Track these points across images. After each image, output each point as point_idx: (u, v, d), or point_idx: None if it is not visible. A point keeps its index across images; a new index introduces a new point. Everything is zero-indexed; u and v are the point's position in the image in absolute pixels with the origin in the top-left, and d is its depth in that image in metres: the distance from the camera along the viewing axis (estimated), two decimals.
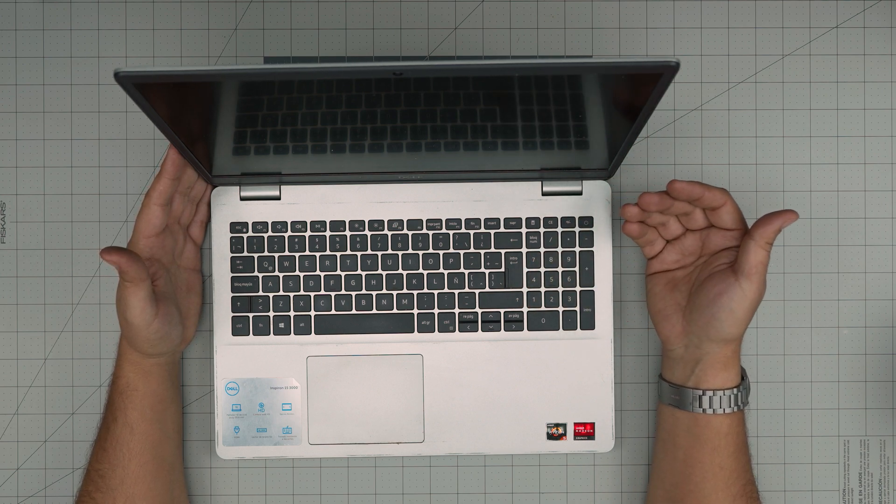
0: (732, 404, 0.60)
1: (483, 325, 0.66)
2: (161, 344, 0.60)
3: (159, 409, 0.62)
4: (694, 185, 0.58)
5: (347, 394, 0.66)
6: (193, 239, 0.66)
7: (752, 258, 0.58)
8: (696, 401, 0.61)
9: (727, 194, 0.59)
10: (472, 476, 0.68)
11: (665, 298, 0.63)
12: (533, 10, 0.68)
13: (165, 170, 0.60)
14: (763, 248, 0.57)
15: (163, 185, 0.60)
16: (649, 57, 0.48)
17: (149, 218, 0.60)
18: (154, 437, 0.62)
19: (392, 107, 0.54)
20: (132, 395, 0.61)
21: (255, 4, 0.68)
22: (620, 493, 0.68)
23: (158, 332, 0.59)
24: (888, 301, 0.68)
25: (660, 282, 0.64)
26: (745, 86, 0.68)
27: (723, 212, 0.60)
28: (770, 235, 0.57)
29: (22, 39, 0.68)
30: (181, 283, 0.65)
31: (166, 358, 0.63)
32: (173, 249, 0.63)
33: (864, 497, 0.68)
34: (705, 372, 0.61)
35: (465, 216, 0.66)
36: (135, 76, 0.48)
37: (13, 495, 0.68)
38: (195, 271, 0.66)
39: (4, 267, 0.68)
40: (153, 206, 0.60)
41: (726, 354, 0.61)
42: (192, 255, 0.66)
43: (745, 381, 0.62)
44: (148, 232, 0.61)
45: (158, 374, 0.62)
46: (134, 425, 0.61)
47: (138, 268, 0.56)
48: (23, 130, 0.68)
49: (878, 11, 0.68)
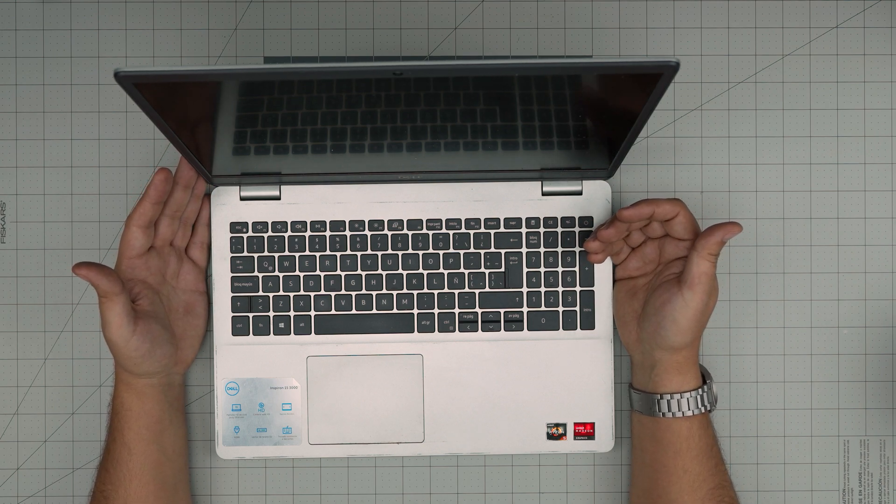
0: (691, 407, 0.61)
1: (483, 325, 0.66)
2: (144, 363, 0.60)
3: (156, 430, 0.62)
4: (641, 207, 0.59)
5: (347, 394, 0.66)
6: (194, 261, 0.65)
7: (695, 269, 0.58)
8: (655, 405, 0.61)
9: (679, 204, 0.60)
10: (472, 476, 0.68)
11: (624, 305, 0.64)
12: (533, 10, 0.68)
13: (148, 194, 0.59)
14: (705, 258, 0.58)
15: (143, 209, 0.60)
16: (649, 57, 0.48)
17: (128, 239, 0.60)
18: (153, 458, 0.61)
19: (392, 107, 0.54)
20: (126, 415, 0.61)
21: (255, 4, 0.68)
22: (620, 493, 0.68)
23: (139, 350, 0.59)
24: (888, 301, 0.68)
25: (622, 289, 0.65)
26: (745, 86, 0.68)
27: (675, 222, 0.60)
28: (712, 247, 0.57)
29: (22, 39, 0.68)
30: (177, 305, 0.64)
31: (159, 379, 0.62)
32: (162, 270, 0.63)
33: (864, 497, 0.68)
34: (660, 377, 0.61)
35: (465, 216, 0.66)
36: (135, 76, 0.48)
37: (13, 495, 0.68)
38: (197, 293, 0.65)
39: (4, 267, 0.68)
40: (133, 228, 0.60)
41: (678, 360, 0.61)
42: (191, 276, 0.65)
43: (706, 384, 0.62)
44: (129, 253, 0.60)
45: (152, 395, 0.62)
46: (131, 446, 0.61)
47: (110, 282, 0.56)
48: (23, 130, 0.68)
49: (878, 11, 0.68)
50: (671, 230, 0.61)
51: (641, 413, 0.63)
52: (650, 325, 0.61)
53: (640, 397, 0.63)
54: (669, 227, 0.61)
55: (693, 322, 0.59)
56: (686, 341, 0.60)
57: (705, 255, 0.58)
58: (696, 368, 0.62)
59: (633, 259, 0.64)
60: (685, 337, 0.60)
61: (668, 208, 0.59)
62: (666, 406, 0.61)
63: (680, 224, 0.60)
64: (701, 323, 0.60)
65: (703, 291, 0.58)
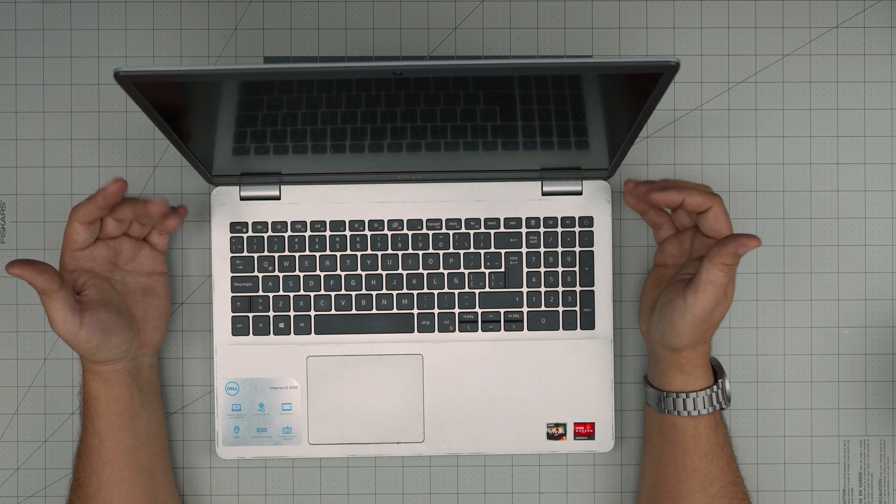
0: (698, 407, 0.59)
1: (483, 325, 0.66)
2: (101, 352, 0.59)
3: (127, 416, 0.61)
4: (671, 193, 0.57)
5: (347, 394, 0.66)
6: (151, 244, 0.64)
7: (703, 276, 0.56)
8: (662, 402, 0.61)
9: (713, 199, 0.57)
10: (472, 476, 0.68)
11: (647, 293, 0.63)
12: (533, 10, 0.68)
13: (95, 198, 0.57)
14: (717, 267, 0.55)
15: (88, 209, 0.58)
16: (649, 57, 0.48)
17: (70, 234, 0.59)
18: (125, 444, 0.61)
19: (392, 107, 0.54)
20: (95, 402, 0.60)
21: (255, 4, 0.68)
22: (620, 493, 0.68)
23: (90, 341, 0.58)
24: (888, 301, 0.68)
25: (653, 275, 0.64)
26: (745, 86, 0.68)
27: (706, 217, 0.58)
28: (725, 258, 0.55)
29: (22, 39, 0.68)
30: (134, 288, 0.63)
31: (125, 364, 0.61)
32: (111, 259, 0.61)
33: (864, 497, 0.68)
34: (665, 374, 0.61)
35: (465, 216, 0.66)
36: (135, 76, 0.48)
37: (13, 495, 0.68)
38: (155, 275, 0.64)
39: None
40: (74, 223, 0.58)
41: (679, 361, 0.60)
42: (148, 260, 0.63)
43: (718, 382, 0.60)
44: (71, 247, 0.59)
45: (118, 380, 0.61)
46: (102, 433, 0.60)
47: (46, 279, 0.55)
48: (23, 130, 0.68)
49: (878, 11, 0.68)
50: (701, 225, 0.58)
51: (650, 407, 0.62)
52: (654, 319, 0.60)
53: (650, 392, 0.62)
54: (700, 220, 0.58)
55: (690, 328, 0.57)
56: (683, 344, 0.58)
57: (717, 263, 0.55)
58: (704, 370, 0.60)
59: (672, 244, 0.62)
60: (681, 340, 0.58)
61: (699, 200, 0.57)
62: (671, 404, 0.60)
63: (710, 220, 0.58)
64: (700, 330, 0.58)
65: (707, 300, 0.56)
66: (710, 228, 0.58)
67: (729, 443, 0.62)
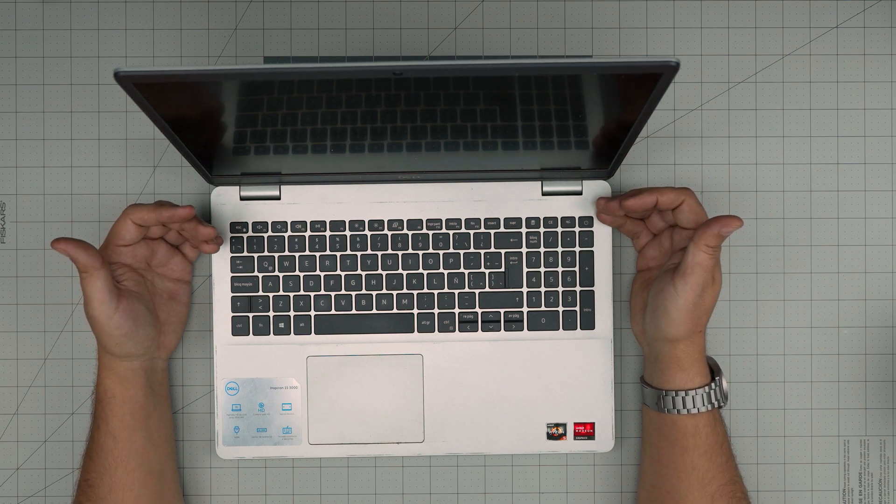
0: (697, 405, 0.60)
1: (483, 325, 0.66)
2: (128, 343, 0.59)
3: (141, 417, 0.61)
4: (644, 196, 0.59)
5: (347, 394, 0.66)
6: (185, 254, 0.65)
7: (689, 259, 0.57)
8: (661, 401, 0.61)
9: (685, 192, 0.59)
10: (472, 476, 0.68)
11: (636, 297, 0.65)
12: (533, 10, 0.68)
13: (160, 211, 0.58)
14: (702, 249, 0.57)
15: (147, 214, 0.59)
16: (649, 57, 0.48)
17: (119, 229, 0.60)
18: (138, 445, 0.61)
19: (392, 107, 0.54)
20: (110, 402, 0.61)
21: (255, 4, 0.68)
22: (620, 493, 0.68)
23: (121, 328, 0.58)
24: (888, 301, 0.68)
25: (639, 279, 0.65)
26: (745, 86, 0.68)
27: (681, 210, 0.60)
28: (709, 239, 0.56)
29: (22, 39, 0.68)
30: (162, 290, 0.64)
31: (141, 363, 0.62)
32: (148, 259, 0.63)
33: (864, 497, 0.68)
34: (663, 372, 0.61)
35: (464, 216, 0.66)
36: (135, 76, 0.48)
37: (13, 495, 0.68)
38: (181, 282, 0.65)
39: (4, 267, 0.68)
40: (128, 222, 0.59)
41: (677, 355, 0.60)
42: (178, 267, 0.64)
43: (714, 381, 0.61)
44: (117, 241, 0.60)
45: (135, 380, 0.61)
46: (116, 433, 0.61)
47: (89, 256, 0.55)
48: (23, 130, 0.68)
49: (878, 11, 0.68)
50: (678, 218, 0.61)
51: (648, 407, 0.63)
52: (648, 314, 0.61)
53: (648, 392, 0.63)
54: (677, 215, 0.61)
55: (684, 314, 0.58)
56: (679, 333, 0.59)
57: (702, 245, 0.57)
58: (701, 366, 0.61)
59: (651, 248, 0.64)
60: (677, 329, 0.59)
61: (671, 197, 0.59)
62: (671, 403, 0.60)
63: (684, 212, 0.60)
64: (695, 316, 0.59)
65: (696, 283, 0.57)
66: (688, 220, 0.60)
67: (727, 441, 0.62)
